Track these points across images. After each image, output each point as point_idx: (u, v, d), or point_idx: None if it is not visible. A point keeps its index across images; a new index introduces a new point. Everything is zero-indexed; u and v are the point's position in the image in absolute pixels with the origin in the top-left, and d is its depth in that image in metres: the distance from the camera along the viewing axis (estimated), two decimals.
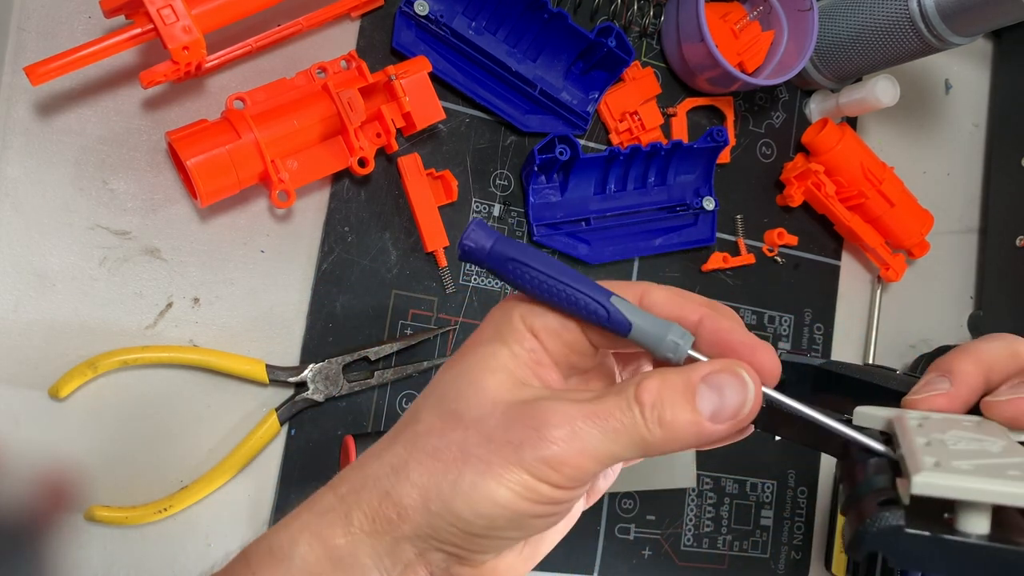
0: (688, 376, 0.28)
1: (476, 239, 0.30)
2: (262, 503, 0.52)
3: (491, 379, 0.30)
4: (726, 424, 0.28)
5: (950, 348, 0.69)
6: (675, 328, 0.29)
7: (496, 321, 0.31)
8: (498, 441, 0.28)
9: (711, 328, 0.30)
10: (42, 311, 0.47)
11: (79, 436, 0.48)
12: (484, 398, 0.29)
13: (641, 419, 0.28)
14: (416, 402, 0.32)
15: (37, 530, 0.46)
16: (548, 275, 0.30)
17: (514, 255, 0.30)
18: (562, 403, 0.28)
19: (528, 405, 0.29)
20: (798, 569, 0.66)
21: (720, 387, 0.28)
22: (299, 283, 0.53)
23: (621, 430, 0.28)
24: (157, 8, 0.43)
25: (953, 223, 0.76)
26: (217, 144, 0.46)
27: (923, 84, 0.76)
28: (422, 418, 0.30)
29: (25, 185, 0.47)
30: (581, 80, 0.60)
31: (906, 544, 0.24)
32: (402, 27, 0.55)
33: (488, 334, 0.31)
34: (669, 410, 0.28)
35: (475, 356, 0.30)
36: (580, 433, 0.28)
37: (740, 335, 0.30)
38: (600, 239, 0.60)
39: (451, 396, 0.30)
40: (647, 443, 0.28)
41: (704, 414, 0.28)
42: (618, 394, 0.28)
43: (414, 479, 0.29)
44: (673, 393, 0.28)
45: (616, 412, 0.28)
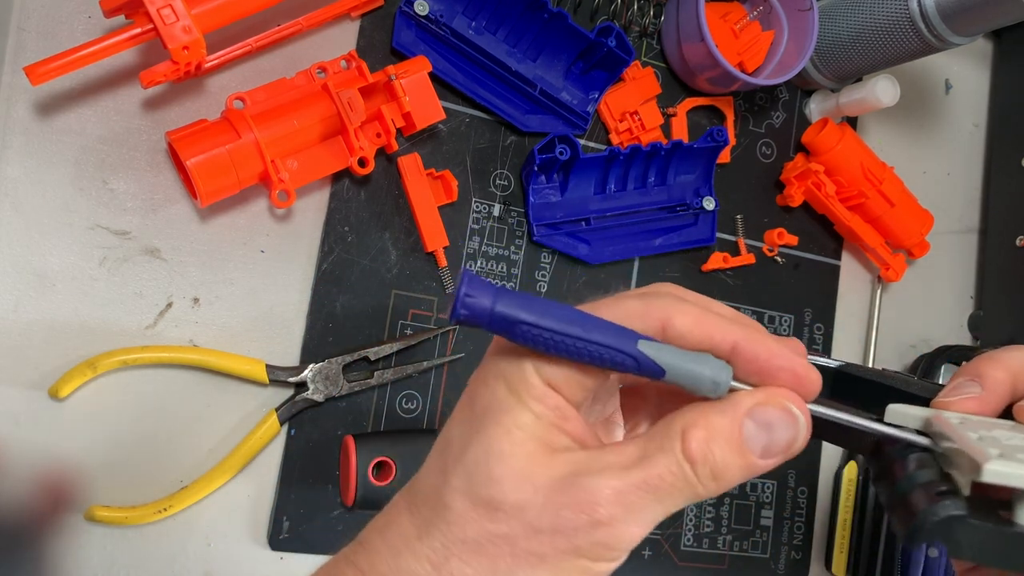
0: (733, 414, 0.27)
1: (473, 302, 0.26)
2: (262, 503, 0.51)
3: (520, 453, 0.27)
4: (776, 459, 0.27)
5: (950, 348, 0.69)
6: (711, 362, 0.27)
7: (507, 374, 0.28)
8: (547, 531, 0.26)
9: (748, 356, 0.28)
10: (42, 311, 0.47)
11: (79, 436, 0.48)
12: (519, 480, 0.26)
13: (694, 477, 0.26)
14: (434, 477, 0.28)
15: (37, 530, 0.46)
16: (566, 335, 0.26)
17: (523, 317, 0.26)
18: (607, 477, 0.26)
19: (571, 484, 0.26)
20: (798, 569, 0.66)
21: (768, 424, 0.27)
22: (299, 283, 0.53)
23: (675, 492, 0.26)
24: (157, 8, 0.43)
25: (953, 223, 0.76)
26: (217, 144, 0.46)
27: (923, 84, 0.76)
28: (452, 505, 0.27)
29: (25, 185, 0.47)
30: (581, 80, 0.60)
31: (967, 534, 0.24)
32: (402, 27, 0.55)
33: (502, 393, 0.28)
34: (720, 460, 0.26)
35: (496, 426, 0.27)
36: (634, 506, 0.26)
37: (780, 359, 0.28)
38: (600, 239, 0.60)
39: (480, 479, 0.27)
40: (699, 496, 0.27)
41: (755, 453, 0.27)
42: (663, 452, 0.27)
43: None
44: (721, 441, 0.26)
45: (667, 475, 0.26)
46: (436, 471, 0.29)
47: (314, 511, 0.52)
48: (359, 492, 0.49)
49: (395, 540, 0.28)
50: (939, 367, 0.68)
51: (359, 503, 0.50)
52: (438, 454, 0.29)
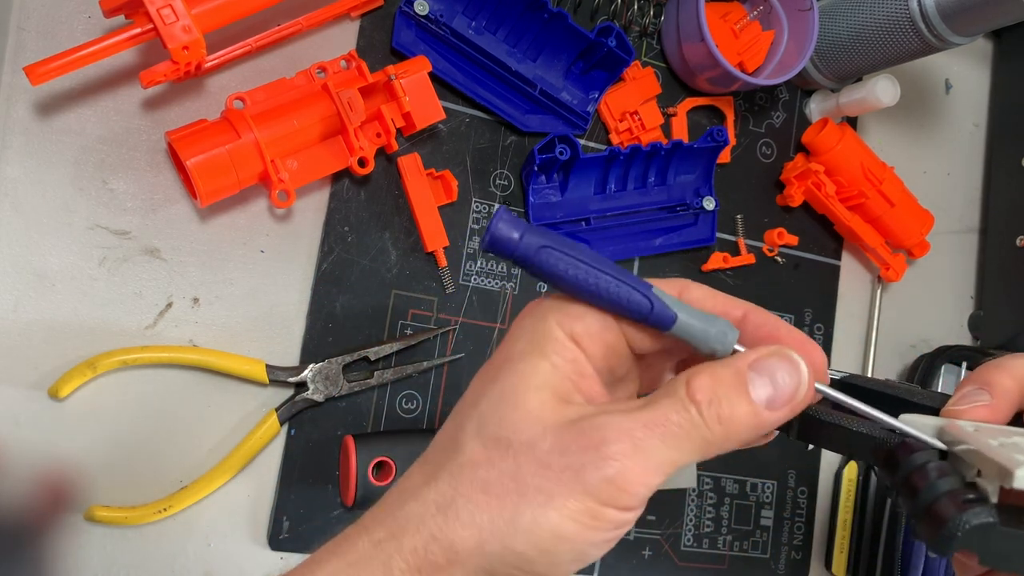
0: (736, 365, 0.27)
1: (504, 228, 0.27)
2: (262, 503, 0.51)
3: (534, 398, 0.27)
4: (783, 410, 0.27)
5: (950, 348, 0.69)
6: (720, 321, 0.28)
7: (531, 329, 0.29)
8: (555, 467, 0.26)
9: (756, 322, 0.29)
10: (42, 311, 0.47)
11: (79, 436, 0.48)
12: (530, 420, 0.27)
13: (700, 419, 0.26)
14: (451, 425, 0.29)
15: (37, 530, 0.46)
16: (586, 263, 0.27)
17: (547, 243, 0.27)
18: (616, 416, 0.26)
19: (581, 424, 0.26)
20: (798, 569, 0.66)
21: (771, 372, 0.27)
22: (299, 283, 0.53)
23: (681, 434, 0.26)
24: (157, 8, 0.43)
25: (953, 223, 0.76)
26: (217, 144, 0.46)
27: (923, 84, 0.76)
28: (464, 447, 0.27)
29: (25, 185, 0.47)
30: (581, 80, 0.60)
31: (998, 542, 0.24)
32: (402, 27, 0.55)
33: (524, 345, 0.29)
34: (726, 404, 0.27)
35: (513, 372, 0.28)
36: (640, 444, 0.26)
37: (786, 330, 0.29)
38: (600, 239, 0.60)
39: (493, 420, 0.27)
40: (708, 443, 0.27)
41: (760, 402, 0.27)
42: (669, 396, 0.27)
43: (465, 518, 0.26)
44: (726, 386, 0.27)
45: (673, 416, 0.26)
46: (451, 423, 0.29)
47: (314, 511, 0.52)
48: (359, 492, 0.49)
49: (402, 491, 0.28)
50: (939, 367, 0.68)
51: (359, 503, 0.50)
52: (455, 409, 0.30)
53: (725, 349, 0.28)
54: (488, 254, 0.26)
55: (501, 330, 0.57)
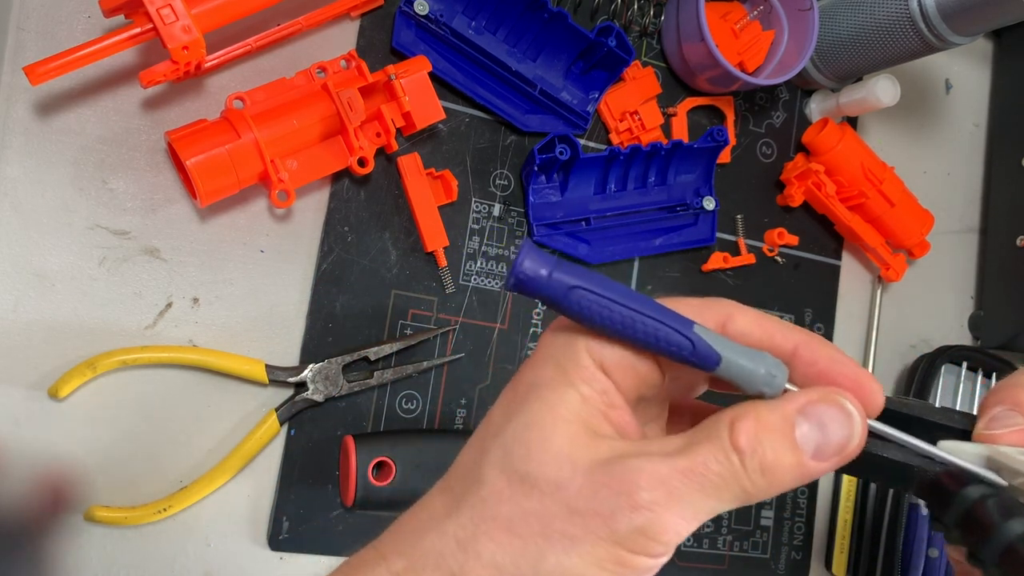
0: (784, 410, 0.25)
1: (531, 267, 0.25)
2: (262, 503, 0.51)
3: (562, 432, 0.26)
4: (831, 461, 0.26)
5: (950, 348, 0.69)
6: (768, 359, 0.26)
7: (557, 355, 0.27)
8: (584, 512, 0.25)
9: (808, 359, 0.27)
10: (42, 311, 0.47)
11: (79, 436, 0.48)
12: (559, 458, 0.25)
13: (741, 468, 0.25)
14: (474, 452, 0.27)
15: (37, 530, 0.46)
16: (622, 304, 0.25)
17: (578, 282, 0.25)
18: (651, 460, 0.25)
19: (612, 466, 0.25)
20: (798, 569, 0.66)
21: (821, 420, 0.25)
22: (299, 283, 0.53)
23: (720, 484, 0.25)
24: (157, 8, 0.43)
25: (953, 223, 0.76)
26: (217, 144, 0.46)
27: (923, 84, 0.76)
28: (487, 479, 0.26)
29: (24, 185, 0.47)
30: (581, 80, 0.60)
31: None
32: (402, 27, 0.55)
33: (551, 372, 0.27)
34: (771, 453, 0.25)
35: (540, 402, 0.26)
36: (676, 494, 0.24)
37: (842, 365, 0.27)
38: (600, 239, 0.60)
39: (519, 453, 0.26)
40: (748, 494, 0.25)
41: (807, 452, 0.25)
42: (710, 441, 0.25)
43: (486, 558, 0.25)
44: (772, 433, 0.25)
45: (713, 464, 0.25)
46: (473, 449, 0.28)
47: (314, 511, 0.52)
48: (359, 492, 0.49)
49: (422, 519, 0.27)
50: (939, 367, 0.68)
51: (359, 503, 0.50)
52: (478, 435, 0.28)
53: (773, 392, 0.26)
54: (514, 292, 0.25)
55: (501, 330, 0.57)
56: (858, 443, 0.26)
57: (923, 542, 0.64)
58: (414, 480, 0.50)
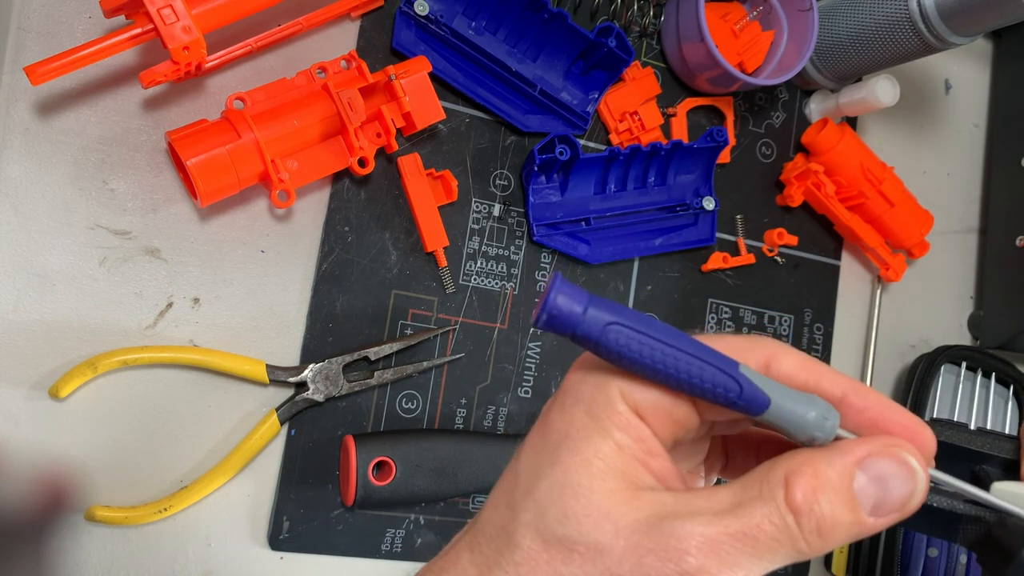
0: (843, 463, 0.24)
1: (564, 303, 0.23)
2: (262, 503, 0.52)
3: (599, 488, 0.24)
4: (889, 518, 0.24)
5: (950, 348, 0.69)
6: (819, 403, 0.24)
7: (588, 400, 0.25)
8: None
9: (859, 405, 0.25)
10: (42, 311, 0.47)
11: (79, 436, 0.48)
12: (598, 518, 0.24)
13: (797, 531, 0.23)
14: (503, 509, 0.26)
15: (37, 530, 0.46)
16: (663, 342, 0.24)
17: (615, 319, 0.24)
18: (699, 522, 0.23)
19: (658, 527, 0.23)
20: (798, 569, 0.66)
21: (882, 475, 0.24)
22: (299, 283, 0.53)
23: (774, 546, 0.23)
24: (157, 8, 0.43)
25: (953, 223, 0.76)
26: (217, 144, 0.46)
27: (923, 84, 0.76)
28: (520, 543, 0.24)
29: (25, 185, 0.47)
30: (581, 80, 0.60)
31: None
32: (402, 27, 0.55)
33: (582, 419, 0.25)
34: (828, 512, 0.23)
35: (573, 454, 0.25)
36: (727, 558, 0.23)
37: (895, 412, 0.25)
38: (600, 239, 0.60)
39: (554, 514, 0.24)
40: (802, 553, 0.24)
41: (865, 509, 0.24)
42: (763, 500, 0.24)
43: None
44: (830, 491, 0.23)
45: (766, 526, 0.23)
46: (503, 506, 0.26)
47: (314, 511, 0.52)
48: (359, 492, 0.49)
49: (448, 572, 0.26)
50: (939, 367, 0.68)
51: (359, 503, 0.50)
52: (505, 488, 0.26)
53: (826, 437, 0.25)
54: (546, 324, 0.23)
55: (501, 330, 0.57)
56: (920, 499, 0.24)
57: (923, 542, 0.64)
58: (414, 480, 0.50)
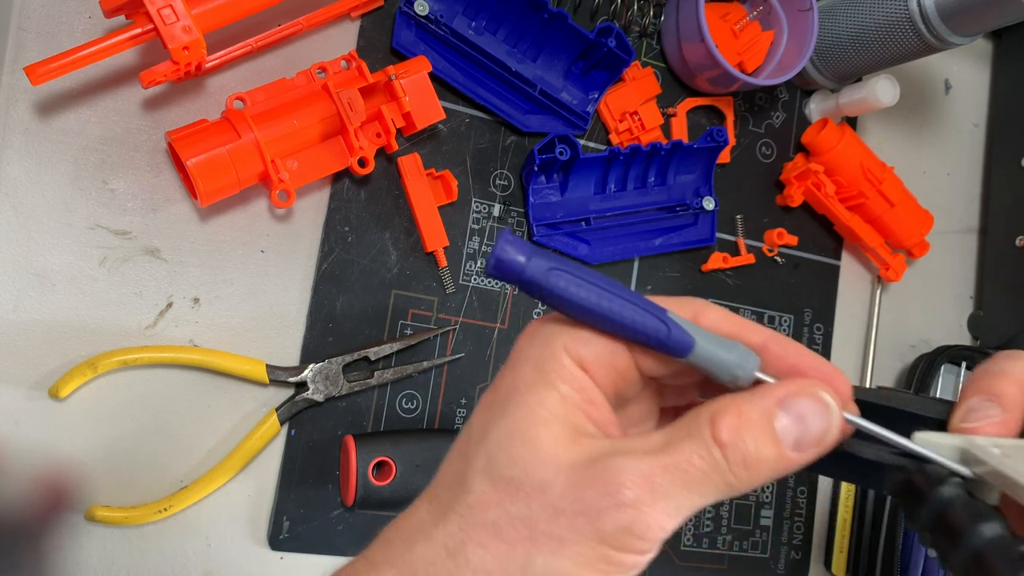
0: (764, 402, 0.26)
1: (511, 251, 0.26)
2: (262, 503, 0.52)
3: (544, 433, 0.26)
4: (810, 452, 0.26)
5: (950, 348, 0.69)
6: (739, 347, 0.27)
7: (535, 356, 0.27)
8: (569, 513, 0.25)
9: (778, 352, 0.28)
10: (42, 311, 0.47)
11: (79, 436, 0.48)
12: (542, 460, 0.26)
13: (724, 463, 0.25)
14: (458, 461, 0.28)
15: (37, 530, 0.46)
16: (599, 285, 0.26)
17: (556, 265, 0.26)
18: (633, 458, 0.25)
19: (595, 465, 0.25)
20: (798, 569, 0.66)
21: (800, 413, 0.26)
22: (299, 283, 0.53)
23: (703, 478, 0.25)
24: (157, 8, 0.43)
25: (953, 223, 0.76)
26: (217, 144, 0.46)
27: (923, 84, 0.76)
28: (472, 487, 0.26)
29: (25, 185, 0.47)
30: (581, 80, 0.60)
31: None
32: (402, 27, 0.55)
33: (530, 373, 0.27)
34: (752, 446, 0.25)
35: (521, 406, 0.27)
36: (660, 490, 0.25)
37: (812, 359, 0.27)
38: (600, 239, 0.60)
39: (503, 460, 0.26)
40: (730, 487, 0.25)
41: (788, 445, 0.26)
42: (692, 437, 0.25)
43: (475, 564, 0.25)
44: (752, 426, 0.25)
45: (695, 459, 0.25)
46: (457, 459, 0.28)
47: (314, 511, 0.52)
48: (359, 492, 0.49)
49: (411, 529, 0.27)
50: (939, 367, 0.68)
51: (359, 503, 0.50)
52: (460, 443, 0.28)
53: (746, 378, 0.27)
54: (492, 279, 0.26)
55: (501, 330, 0.57)
56: (836, 433, 0.26)
57: None
58: (414, 480, 0.50)
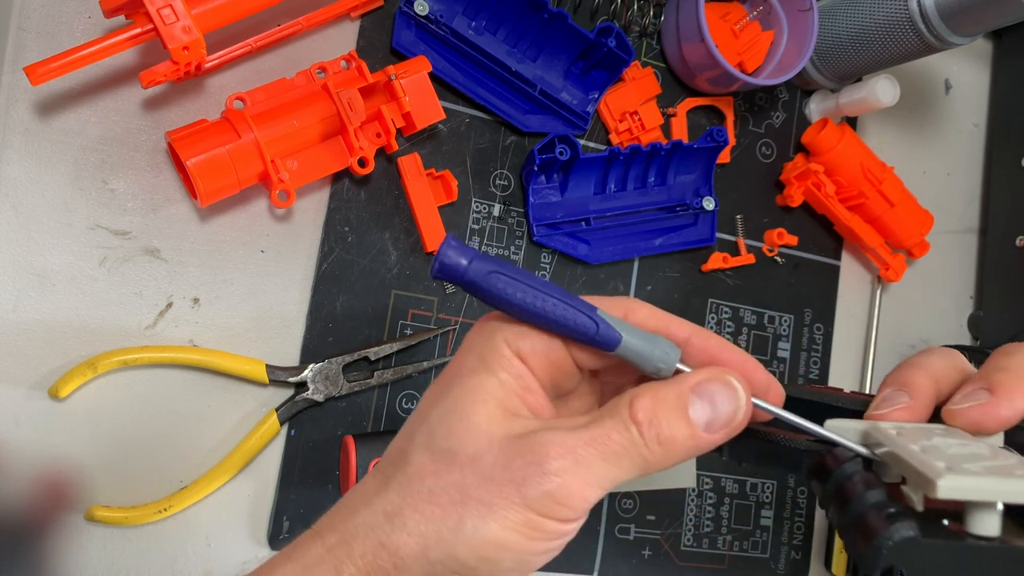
0: (679, 388, 0.28)
1: (453, 255, 0.28)
2: (262, 503, 0.52)
3: (481, 411, 0.28)
4: (720, 433, 0.28)
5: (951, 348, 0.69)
6: (662, 341, 0.29)
7: (479, 347, 0.30)
8: (498, 480, 0.27)
9: (699, 346, 0.30)
10: (42, 311, 0.47)
11: (79, 436, 0.48)
12: (476, 434, 0.28)
13: (640, 439, 0.28)
14: (402, 438, 0.30)
15: (37, 530, 0.46)
16: (533, 287, 0.29)
17: (495, 268, 0.28)
18: (559, 433, 0.28)
19: (525, 438, 0.28)
20: (798, 569, 0.66)
21: (711, 397, 0.28)
22: (299, 283, 0.53)
23: (622, 453, 0.28)
24: (157, 8, 0.43)
25: (953, 223, 0.76)
26: (217, 144, 0.46)
27: (923, 84, 0.76)
28: (412, 459, 0.29)
29: (25, 185, 0.47)
30: (581, 80, 0.60)
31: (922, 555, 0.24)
32: (402, 27, 0.55)
33: (472, 361, 0.30)
34: (666, 426, 0.28)
35: (461, 388, 0.29)
36: (582, 462, 0.27)
37: (729, 352, 0.30)
38: (600, 239, 0.60)
39: (441, 433, 0.29)
40: (647, 462, 0.28)
41: (699, 425, 0.28)
42: (612, 416, 0.28)
43: (411, 527, 0.27)
44: (667, 408, 0.28)
45: (614, 435, 0.28)
46: (402, 435, 0.30)
47: (314, 511, 0.52)
48: None
49: (356, 499, 0.29)
50: None
51: None
52: (407, 423, 0.31)
53: (668, 368, 0.29)
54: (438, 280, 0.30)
55: None
56: (743, 415, 0.29)
57: None
58: None
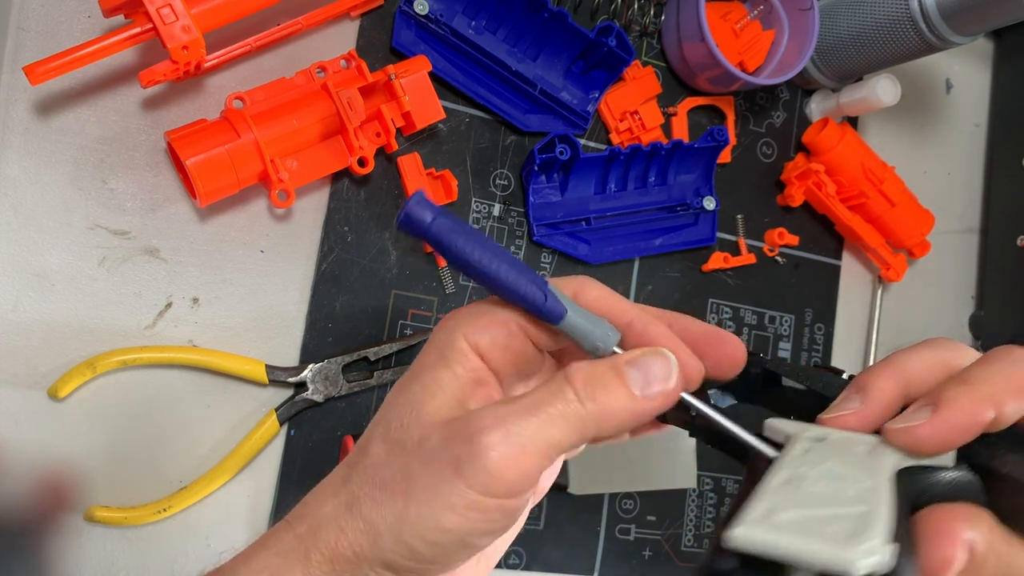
0: (614, 361, 0.29)
1: (419, 209, 0.29)
2: (262, 503, 0.51)
3: (432, 403, 0.29)
4: (658, 398, 0.28)
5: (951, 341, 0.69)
6: (604, 324, 0.30)
7: (440, 344, 0.31)
8: (440, 461, 0.27)
9: (640, 330, 0.31)
10: (41, 311, 0.47)
11: (79, 436, 0.48)
12: (424, 422, 0.28)
13: (575, 398, 0.27)
14: (366, 433, 0.31)
15: (37, 530, 0.46)
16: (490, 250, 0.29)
17: (457, 227, 0.29)
18: (493, 407, 0.28)
19: (463, 418, 0.28)
20: None
21: (644, 365, 0.29)
22: (299, 283, 0.53)
23: (556, 415, 0.27)
24: (156, 7, 0.42)
25: (954, 223, 0.76)
26: (216, 144, 0.46)
27: (924, 84, 0.76)
28: (370, 451, 0.30)
29: (24, 185, 0.47)
30: (581, 79, 0.60)
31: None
32: (402, 26, 0.55)
33: (432, 358, 0.30)
34: (601, 388, 0.28)
35: (419, 382, 0.30)
36: (516, 430, 0.27)
37: (668, 339, 0.30)
38: (600, 239, 0.60)
39: (395, 425, 0.29)
40: (584, 422, 0.27)
41: (635, 386, 0.28)
42: (548, 384, 0.28)
43: (365, 515, 0.28)
44: (603, 379, 0.28)
45: (548, 398, 0.27)
46: (368, 429, 0.31)
47: None
48: None
49: (325, 491, 0.30)
50: None
51: None
52: (372, 420, 0.31)
53: (606, 348, 0.30)
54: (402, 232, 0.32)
55: None
56: (676, 380, 0.29)
57: None
58: None
